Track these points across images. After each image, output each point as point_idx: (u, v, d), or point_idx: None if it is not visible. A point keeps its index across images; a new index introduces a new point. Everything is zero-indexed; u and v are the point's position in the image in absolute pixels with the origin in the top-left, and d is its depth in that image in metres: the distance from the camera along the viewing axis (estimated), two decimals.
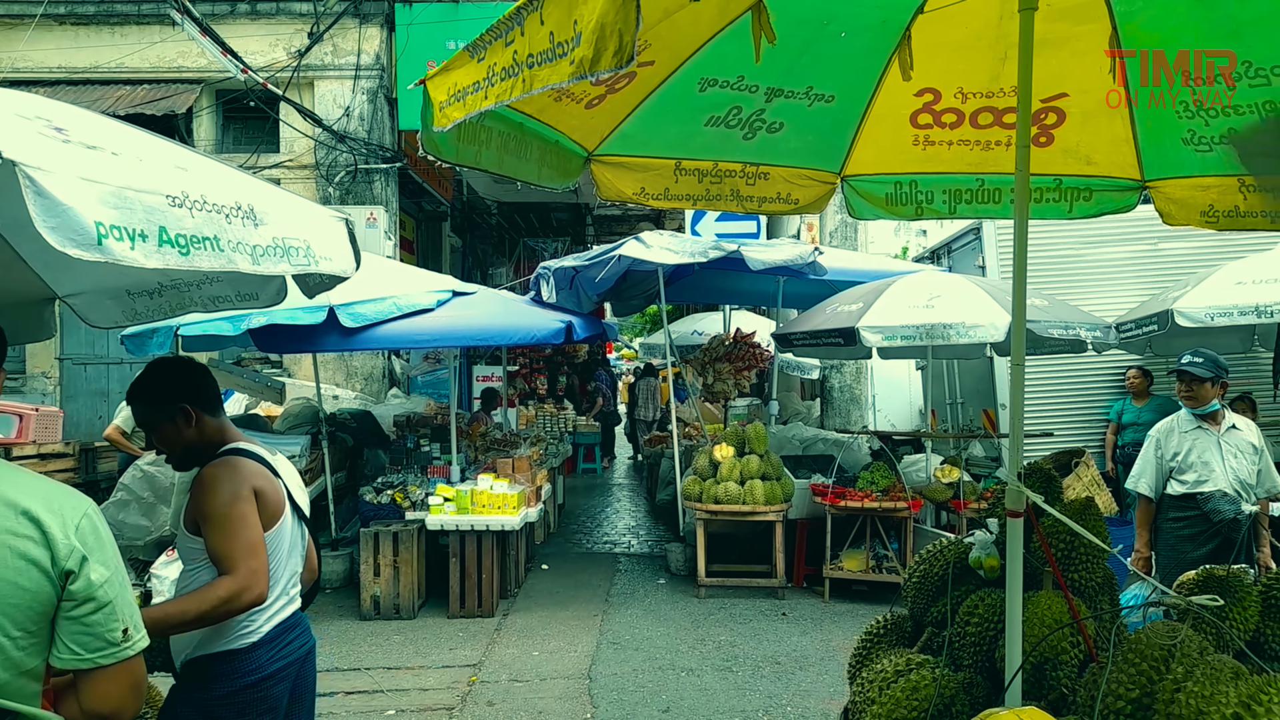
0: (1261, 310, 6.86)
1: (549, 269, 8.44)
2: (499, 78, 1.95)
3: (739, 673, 5.56)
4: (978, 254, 9.04)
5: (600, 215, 19.32)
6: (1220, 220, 3.23)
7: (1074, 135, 3.22)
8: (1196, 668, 1.92)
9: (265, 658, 2.45)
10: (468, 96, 2.06)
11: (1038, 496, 2.52)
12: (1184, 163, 3.18)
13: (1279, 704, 1.72)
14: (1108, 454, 8.39)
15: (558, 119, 2.76)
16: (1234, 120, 2.92)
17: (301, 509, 2.62)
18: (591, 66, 1.65)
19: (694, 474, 7.72)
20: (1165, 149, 3.17)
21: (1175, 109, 2.98)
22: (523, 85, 1.87)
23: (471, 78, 2.05)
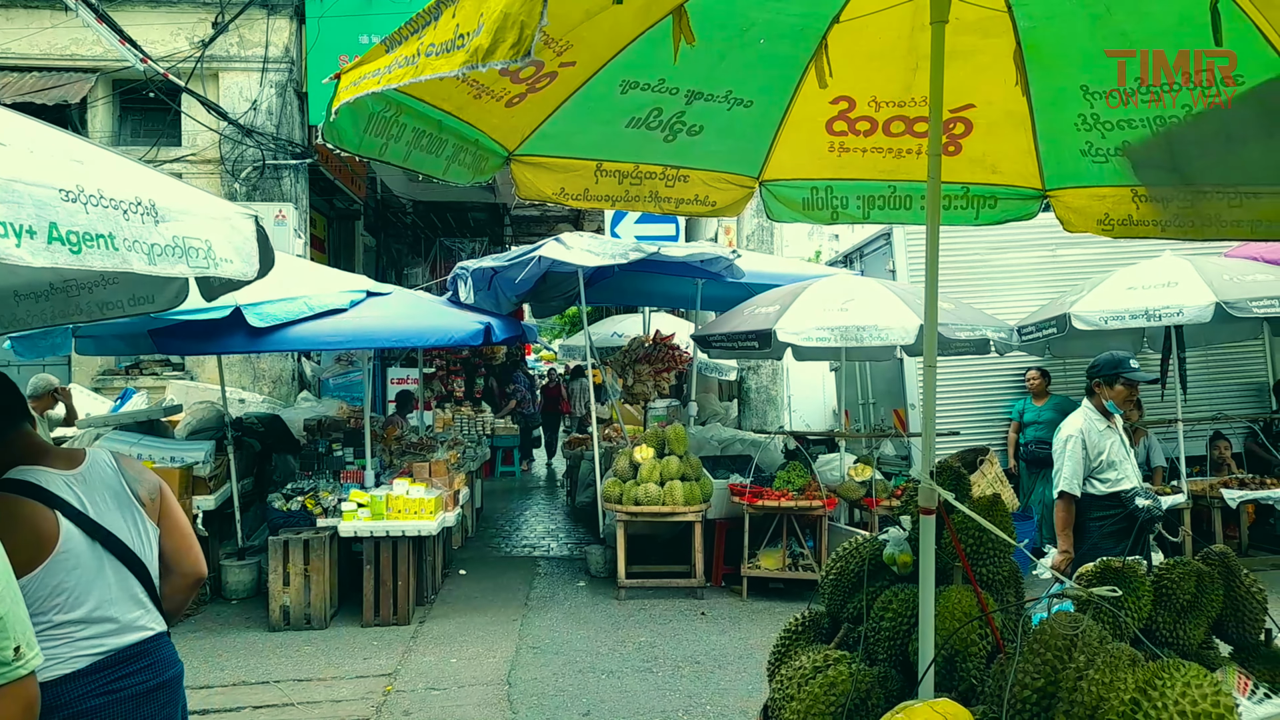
0: (1151, 314, 7.26)
1: (467, 269, 8.33)
2: (397, 65, 1.93)
3: (659, 673, 5.58)
4: (888, 258, 9.31)
5: (519, 216, 19.18)
6: (1115, 228, 3.39)
7: (980, 145, 3.33)
8: (1097, 656, 2.01)
9: (78, 692, 2.17)
10: (364, 81, 2.05)
11: (949, 494, 2.60)
12: (1082, 173, 3.32)
13: (1171, 688, 1.82)
14: (1010, 451, 8.74)
15: (478, 117, 2.72)
16: (1128, 133, 3.06)
17: (111, 532, 2.28)
18: (485, 56, 1.63)
19: (614, 476, 7.72)
20: (1065, 160, 3.31)
21: (1074, 121, 3.12)
22: (414, 71, 1.85)
23: (375, 66, 2.03)
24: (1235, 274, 7.44)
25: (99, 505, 2.29)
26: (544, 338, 32.52)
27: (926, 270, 2.67)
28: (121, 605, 2.29)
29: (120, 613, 2.28)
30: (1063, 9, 2.76)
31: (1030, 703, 2.07)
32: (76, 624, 2.18)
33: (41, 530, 2.14)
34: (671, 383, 10.48)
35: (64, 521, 2.18)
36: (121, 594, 2.29)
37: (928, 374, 2.68)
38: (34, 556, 2.10)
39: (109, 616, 2.26)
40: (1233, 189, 3.08)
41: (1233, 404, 9.03)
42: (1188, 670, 1.86)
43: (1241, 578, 2.85)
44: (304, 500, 6.96)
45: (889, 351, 8.45)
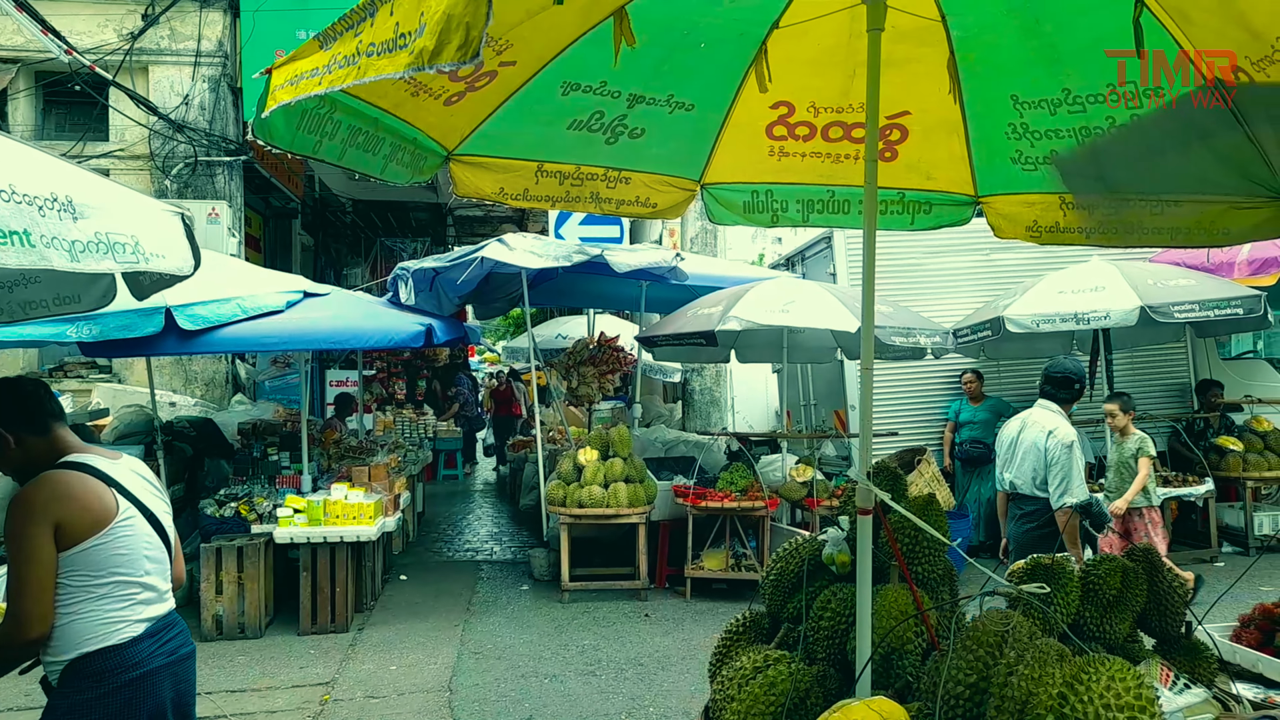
0: (1080, 317, 7.50)
1: (408, 270, 8.21)
2: (338, 65, 1.89)
3: (602, 676, 5.57)
4: (829, 262, 9.44)
5: (461, 216, 18.97)
6: (1043, 235, 3.49)
7: (916, 151, 3.40)
8: (1027, 652, 2.05)
9: (147, 652, 2.52)
10: (302, 81, 2.00)
11: (885, 494, 2.64)
12: (1013, 180, 3.41)
13: (1096, 682, 1.87)
14: (945, 451, 8.93)
15: (415, 115, 2.68)
16: (1056, 143, 3.16)
17: (153, 513, 2.63)
18: (431, 59, 1.60)
19: (558, 478, 7.68)
20: (996, 167, 3.39)
21: (1004, 130, 3.20)
22: (356, 73, 1.82)
23: (313, 65, 1.99)
24: (1159, 279, 7.72)
25: (140, 492, 2.60)
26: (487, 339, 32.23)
27: (864, 274, 2.71)
28: (160, 578, 2.63)
29: (159, 584, 2.62)
30: (994, 20, 2.83)
31: (963, 699, 2.12)
32: (135, 587, 2.51)
33: (105, 498, 2.45)
34: (616, 385, 10.47)
35: (120, 497, 2.50)
36: (159, 568, 2.62)
37: (865, 377, 2.72)
38: (101, 518, 2.42)
39: (153, 585, 2.59)
40: (1154, 197, 3.19)
41: (1157, 404, 9.37)
42: (1112, 664, 1.92)
43: (1164, 573, 2.95)
44: (238, 506, 6.78)
45: (830, 353, 8.58)
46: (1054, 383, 5.03)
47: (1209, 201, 3.12)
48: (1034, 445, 4.84)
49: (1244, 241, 3.22)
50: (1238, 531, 8.50)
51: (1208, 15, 2.48)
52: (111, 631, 2.47)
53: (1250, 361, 10.61)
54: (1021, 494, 4.96)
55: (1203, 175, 3.06)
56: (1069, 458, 4.72)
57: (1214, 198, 3.10)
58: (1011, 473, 5.04)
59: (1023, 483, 4.93)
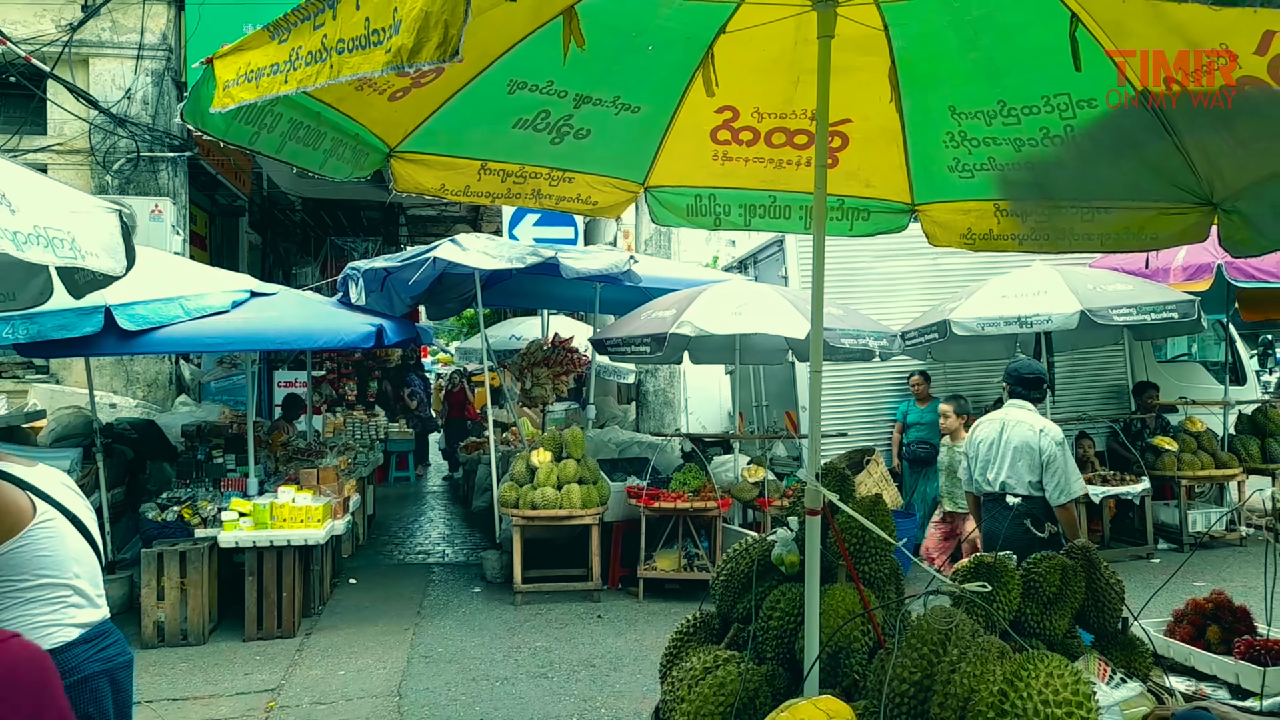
0: (1023, 320, 7.68)
1: (358, 269, 8.09)
2: (303, 62, 1.83)
3: (554, 678, 5.55)
4: (781, 265, 9.54)
5: (414, 215, 18.77)
6: (977, 242, 3.57)
7: (856, 159, 3.45)
8: (969, 649, 2.10)
9: (82, 658, 2.45)
10: (262, 79, 1.94)
11: (833, 495, 2.68)
12: (948, 188, 3.48)
13: (1035, 678, 1.92)
14: (894, 451, 9.08)
15: (358, 110, 2.62)
16: (992, 150, 3.23)
17: (78, 518, 2.54)
18: (410, 57, 1.57)
19: (511, 480, 7.64)
20: (933, 175, 3.46)
21: (942, 138, 3.27)
22: (329, 71, 1.77)
23: (270, 59, 1.92)
24: (1098, 283, 7.95)
25: (62, 496, 2.52)
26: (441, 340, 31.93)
27: (813, 278, 2.75)
28: (92, 583, 2.55)
29: (92, 590, 2.54)
30: (935, 32, 2.89)
31: (908, 696, 2.15)
32: (64, 589, 2.43)
33: (20, 502, 2.36)
34: (570, 386, 10.44)
35: (38, 500, 2.42)
36: (89, 573, 2.53)
37: (814, 379, 2.75)
38: (17, 522, 2.33)
39: (83, 590, 2.50)
40: (1085, 204, 3.29)
41: (1096, 405, 9.63)
42: (1050, 661, 1.97)
43: (1102, 570, 3.04)
44: (181, 510, 6.61)
45: (781, 355, 8.66)
46: (1026, 383, 5.02)
47: (1138, 208, 3.23)
48: (1026, 445, 4.76)
49: (1171, 246, 3.33)
50: (1173, 529, 8.78)
51: (1145, 27, 2.57)
52: (41, 636, 2.38)
53: (1185, 364, 10.98)
54: (1014, 494, 4.82)
55: (1132, 183, 3.16)
56: (1064, 455, 4.75)
57: (1143, 204, 3.21)
58: (999, 474, 4.87)
59: (1016, 482, 4.80)
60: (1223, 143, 2.78)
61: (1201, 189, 3.05)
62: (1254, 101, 2.45)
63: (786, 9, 2.75)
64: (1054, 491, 4.72)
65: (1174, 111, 2.79)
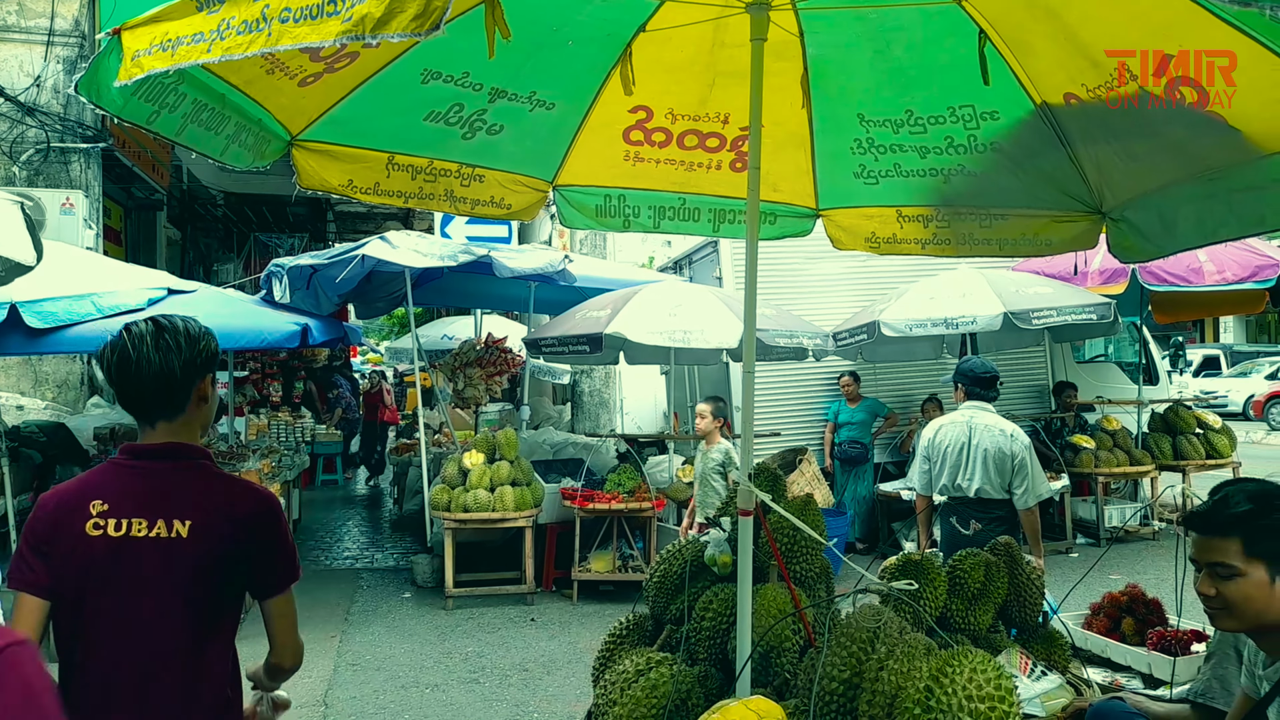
0: (949, 322, 7.87)
1: (282, 267, 7.86)
2: (235, 31, 1.66)
3: (486, 684, 5.47)
4: (715, 266, 9.60)
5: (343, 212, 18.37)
6: (881, 246, 3.64)
7: (766, 163, 3.42)
8: (896, 647, 2.13)
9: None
10: (180, 48, 1.76)
11: (765, 495, 2.68)
12: (853, 194, 3.54)
13: (959, 674, 1.95)
14: (826, 451, 9.21)
15: (266, 94, 2.49)
16: (899, 157, 3.30)
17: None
18: (375, 28, 1.43)
19: (443, 482, 7.51)
20: (838, 181, 3.51)
21: (850, 145, 3.32)
22: (266, 40, 1.60)
23: (193, 29, 1.76)
24: (1020, 286, 8.19)
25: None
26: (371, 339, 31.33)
27: (746, 280, 2.75)
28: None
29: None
30: (848, 41, 2.94)
31: (837, 694, 2.17)
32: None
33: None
34: (504, 386, 10.33)
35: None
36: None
37: (746, 380, 2.75)
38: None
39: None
40: (984, 210, 3.40)
41: (1019, 404, 9.92)
42: (974, 656, 2.00)
43: (1023, 566, 3.12)
44: None
45: (715, 355, 8.71)
46: (982, 383, 4.91)
47: (1033, 215, 3.35)
48: (996, 448, 4.65)
49: (1062, 251, 3.47)
50: (1090, 524, 9.10)
51: (1049, 45, 2.65)
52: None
53: (1101, 364, 11.40)
54: (986, 498, 4.69)
55: (1028, 191, 3.29)
56: (1031, 458, 4.68)
57: (1038, 212, 3.33)
58: (972, 479, 4.71)
59: (990, 486, 4.67)
60: (1115, 156, 2.91)
61: (1092, 199, 3.19)
62: (1148, 118, 2.56)
63: (713, 9, 2.74)
64: (1023, 495, 4.62)
65: (1070, 125, 2.91)
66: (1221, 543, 1.94)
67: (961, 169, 3.26)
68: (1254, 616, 1.93)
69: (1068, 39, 2.55)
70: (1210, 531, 1.96)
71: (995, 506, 4.70)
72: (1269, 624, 1.93)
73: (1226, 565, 1.92)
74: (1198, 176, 2.66)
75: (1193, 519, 2.02)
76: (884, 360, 9.43)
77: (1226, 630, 2.09)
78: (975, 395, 4.90)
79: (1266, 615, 1.92)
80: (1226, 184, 2.55)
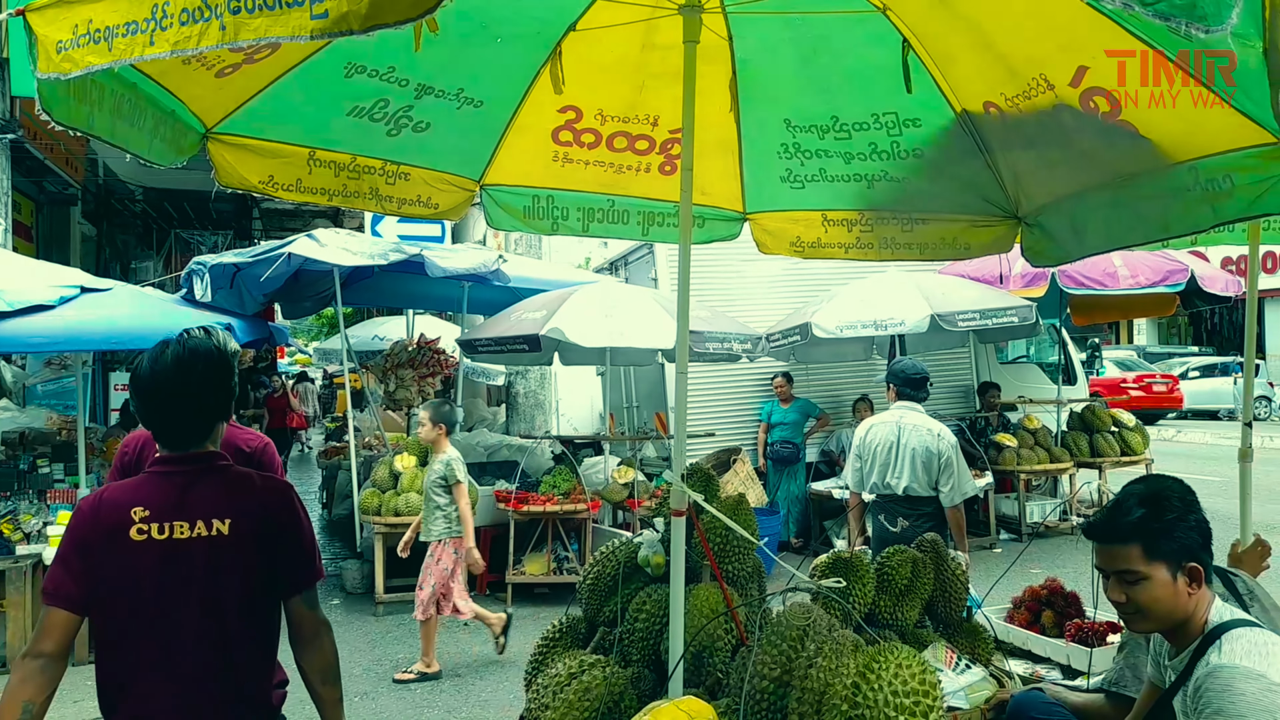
0: (879, 324, 8.03)
1: (204, 265, 7.61)
2: (176, 21, 1.54)
3: (417, 690, 5.38)
4: (651, 267, 9.62)
5: (270, 209, 17.88)
6: (805, 250, 3.69)
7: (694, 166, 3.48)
8: (825, 644, 2.15)
9: None
10: (117, 40, 1.63)
11: (698, 495, 2.69)
12: (779, 198, 3.59)
13: (886, 670, 1.98)
14: (760, 451, 9.31)
15: (180, 85, 2.38)
16: (824, 163, 3.36)
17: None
18: (364, 24, 1.32)
19: (373, 486, 7.37)
20: (764, 185, 3.55)
21: (776, 150, 3.36)
22: (221, 34, 1.49)
23: (122, 16, 1.62)
24: (947, 289, 8.41)
25: None
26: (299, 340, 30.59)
27: (679, 282, 2.75)
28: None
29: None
30: (775, 46, 2.97)
31: (768, 693, 2.19)
32: None
33: None
34: (437, 388, 10.19)
35: None
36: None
37: (680, 381, 2.75)
38: None
39: None
40: (905, 215, 3.48)
41: (945, 404, 10.19)
42: (900, 652, 2.04)
43: (949, 562, 3.19)
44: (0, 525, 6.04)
45: (651, 356, 8.73)
46: (913, 384, 5.01)
47: (952, 220, 3.44)
48: (924, 448, 4.75)
49: (981, 255, 3.57)
50: (1012, 520, 9.39)
51: (970, 54, 2.73)
52: None
53: (1023, 365, 11.78)
54: (914, 496, 4.80)
55: (948, 196, 3.38)
56: (958, 456, 4.77)
57: (957, 216, 3.42)
58: (900, 478, 4.82)
59: (917, 485, 4.78)
60: (1031, 163, 3.00)
61: (1009, 204, 3.29)
62: (1063, 126, 2.64)
63: (644, 10, 2.74)
64: (950, 493, 4.74)
65: (989, 133, 2.99)
66: (1123, 550, 2.01)
67: (885, 175, 3.33)
68: (1164, 616, 2.00)
69: (988, 49, 2.62)
70: (1111, 540, 2.03)
71: (923, 504, 4.80)
72: (1179, 621, 2.01)
73: (1131, 571, 1.99)
74: (1109, 184, 2.75)
75: (1093, 530, 2.09)
76: (816, 361, 9.58)
77: (1142, 632, 2.16)
78: (906, 395, 5.01)
79: (1176, 614, 2.00)
80: (1134, 191, 2.64)
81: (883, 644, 2.11)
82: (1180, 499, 2.04)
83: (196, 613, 1.99)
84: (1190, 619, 2.01)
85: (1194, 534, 2.00)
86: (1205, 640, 1.97)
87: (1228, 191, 2.30)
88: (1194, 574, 1.99)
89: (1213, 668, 1.89)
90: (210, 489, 2.06)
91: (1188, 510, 2.02)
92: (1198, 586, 2.00)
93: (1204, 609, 2.01)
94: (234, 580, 2.03)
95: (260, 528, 2.06)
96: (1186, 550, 1.99)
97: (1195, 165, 2.39)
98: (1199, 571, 1.99)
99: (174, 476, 2.06)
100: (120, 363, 11.85)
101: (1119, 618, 2.09)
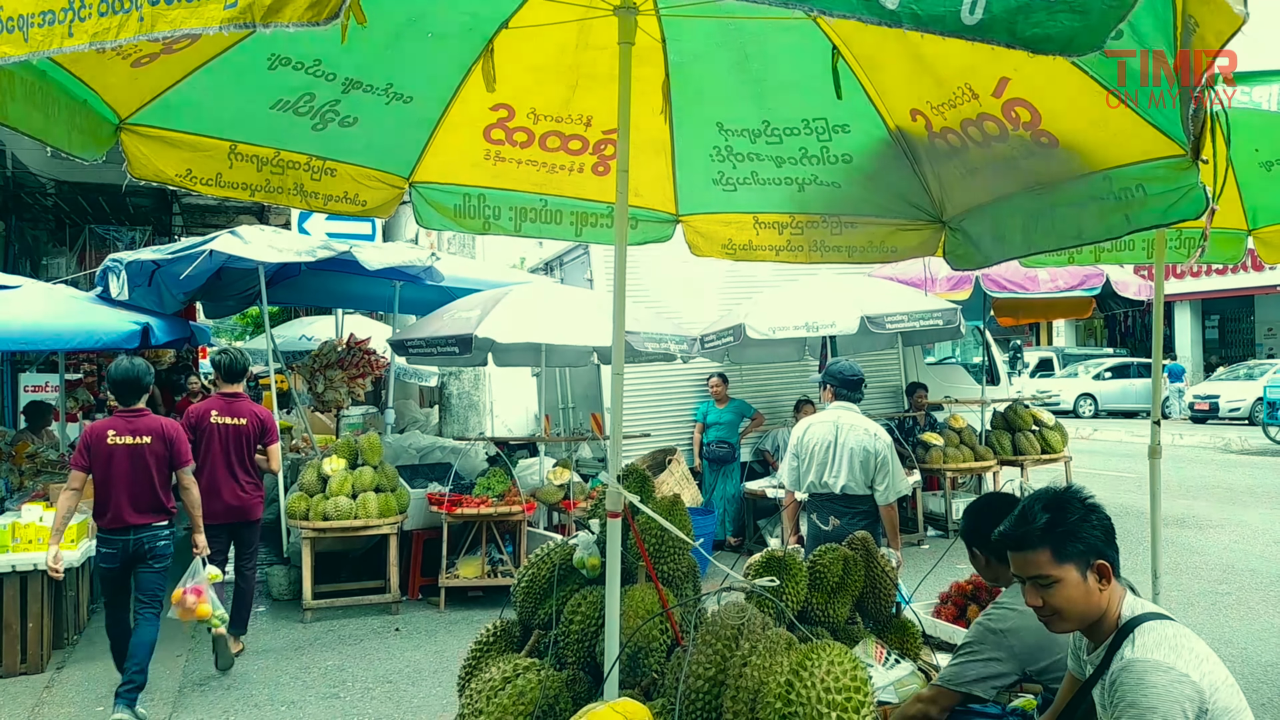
0: (810, 326, 8.16)
1: (120, 262, 7.32)
2: (94, 11, 1.49)
3: (347, 698, 5.26)
4: (586, 267, 9.60)
5: (191, 204, 17.27)
6: (737, 252, 3.74)
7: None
8: (759, 643, 2.18)
9: None
10: (33, 29, 1.56)
11: (633, 497, 2.69)
12: (711, 200, 3.63)
13: (818, 667, 2.01)
14: (695, 451, 9.37)
15: (93, 74, 2.29)
16: (755, 166, 3.40)
17: None
18: (267, 16, 1.32)
19: (300, 490, 7.18)
20: (697, 187, 3.59)
21: (709, 153, 3.39)
22: (139, 25, 1.45)
23: (36, 5, 1.57)
24: (877, 292, 8.60)
25: None
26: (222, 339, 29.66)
27: (615, 282, 2.75)
28: None
29: None
30: (708, 50, 3.00)
31: (703, 692, 2.20)
32: None
33: None
34: (367, 389, 9.99)
35: None
36: None
37: (615, 382, 2.75)
38: None
39: None
40: (835, 218, 3.55)
41: (875, 404, 10.40)
42: (832, 650, 2.07)
43: (878, 559, 3.26)
44: None
45: (586, 357, 8.71)
46: (849, 385, 5.08)
47: (880, 224, 3.52)
48: (861, 448, 4.82)
49: (908, 258, 3.67)
50: (939, 517, 9.64)
51: (898, 62, 2.79)
52: None
53: (949, 366, 12.11)
54: (851, 494, 4.87)
55: (876, 201, 3.46)
56: (893, 456, 4.85)
57: (884, 220, 3.51)
58: (838, 477, 4.88)
59: (854, 484, 4.84)
60: (955, 169, 3.09)
61: (934, 209, 3.38)
62: (987, 135, 2.73)
63: (578, 9, 2.73)
64: (885, 491, 4.83)
65: (916, 140, 3.07)
66: (1034, 556, 2.08)
67: (815, 179, 3.38)
68: (1080, 616, 2.09)
69: (915, 58, 2.68)
70: (1021, 548, 2.11)
71: (859, 502, 4.90)
72: (1094, 618, 2.09)
73: (1044, 576, 2.07)
74: (1028, 191, 2.84)
75: (1004, 540, 2.16)
76: (750, 362, 9.68)
77: (1063, 632, 2.23)
78: (842, 396, 5.09)
79: (1091, 612, 2.08)
80: (1052, 199, 2.73)
81: (815, 641, 2.14)
82: (1081, 501, 2.12)
83: (137, 473, 4.82)
84: (1104, 615, 2.09)
85: (1097, 532, 2.08)
86: (1119, 634, 2.05)
87: (1140, 200, 2.39)
88: (1102, 571, 2.07)
89: (1126, 661, 1.97)
90: (142, 422, 4.89)
91: (1089, 511, 2.10)
92: (1107, 583, 2.08)
93: (1116, 604, 2.10)
94: (153, 460, 4.86)
95: (163, 438, 4.90)
96: (1093, 549, 2.07)
97: (1109, 174, 2.48)
98: (1107, 568, 2.07)
99: (127, 416, 4.88)
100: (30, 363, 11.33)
101: (1040, 620, 2.17)
